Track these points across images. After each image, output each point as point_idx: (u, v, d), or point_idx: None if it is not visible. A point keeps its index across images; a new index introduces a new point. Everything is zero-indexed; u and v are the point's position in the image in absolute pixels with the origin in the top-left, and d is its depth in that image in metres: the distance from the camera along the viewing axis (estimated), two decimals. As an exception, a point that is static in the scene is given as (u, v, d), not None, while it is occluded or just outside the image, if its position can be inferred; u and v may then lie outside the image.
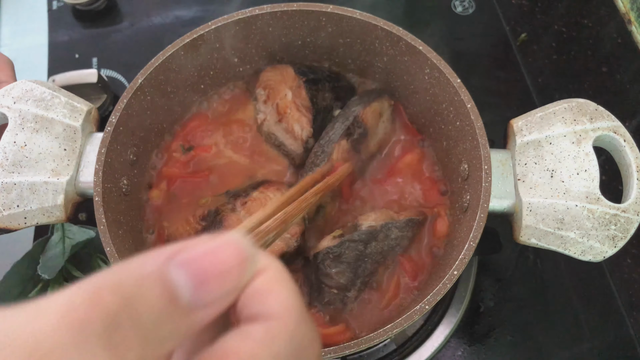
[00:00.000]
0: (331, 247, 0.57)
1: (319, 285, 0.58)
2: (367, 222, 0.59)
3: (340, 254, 0.57)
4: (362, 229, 0.58)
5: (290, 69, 0.65)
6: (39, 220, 0.56)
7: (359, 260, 0.58)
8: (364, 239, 0.57)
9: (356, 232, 0.58)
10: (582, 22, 0.94)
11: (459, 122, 0.59)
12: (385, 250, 0.59)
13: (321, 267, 0.57)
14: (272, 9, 0.62)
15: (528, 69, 0.91)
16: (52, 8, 1.00)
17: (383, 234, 0.58)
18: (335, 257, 0.57)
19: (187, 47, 0.62)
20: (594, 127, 0.55)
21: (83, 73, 0.83)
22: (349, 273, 0.57)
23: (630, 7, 0.87)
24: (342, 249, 0.57)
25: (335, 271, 0.57)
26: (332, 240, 0.58)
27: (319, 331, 0.56)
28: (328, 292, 0.58)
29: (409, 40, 0.60)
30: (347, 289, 0.58)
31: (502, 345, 0.70)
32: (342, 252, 0.57)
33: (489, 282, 0.74)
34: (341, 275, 0.57)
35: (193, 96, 0.68)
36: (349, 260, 0.57)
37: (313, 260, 0.58)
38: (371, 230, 0.58)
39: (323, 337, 0.56)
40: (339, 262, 0.57)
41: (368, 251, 0.58)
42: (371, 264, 0.58)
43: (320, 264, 0.57)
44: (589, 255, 0.53)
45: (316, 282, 0.58)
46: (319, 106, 0.63)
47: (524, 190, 0.54)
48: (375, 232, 0.58)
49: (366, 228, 0.58)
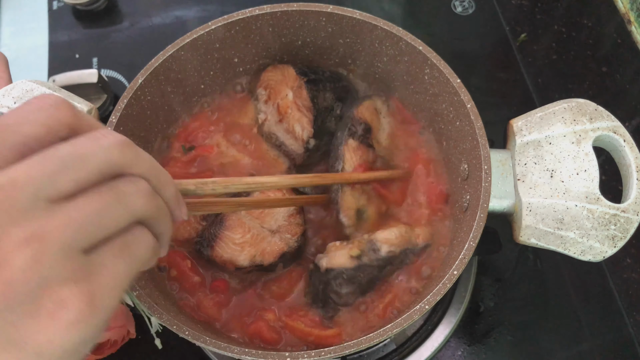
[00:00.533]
0: (347, 268, 0.56)
1: (326, 299, 0.57)
2: (386, 246, 0.57)
3: (354, 276, 0.56)
4: (382, 254, 0.56)
5: (291, 69, 0.65)
6: (39, 220, 0.56)
7: (370, 282, 0.57)
8: (382, 264, 0.57)
9: (375, 256, 0.56)
10: (582, 22, 0.94)
11: (459, 122, 0.59)
12: (394, 271, 0.59)
13: (332, 283, 0.56)
14: (272, 9, 0.62)
15: (528, 69, 0.91)
16: (52, 8, 1.00)
17: (399, 259, 0.58)
18: (348, 278, 0.56)
19: (187, 47, 0.62)
20: (593, 127, 0.55)
21: (83, 73, 0.83)
22: (358, 293, 0.57)
23: (630, 7, 0.87)
24: (358, 272, 0.56)
25: (346, 292, 0.56)
26: (348, 260, 0.56)
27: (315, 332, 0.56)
28: (333, 307, 0.57)
29: (408, 40, 0.60)
30: (352, 305, 0.58)
31: (502, 345, 0.70)
32: (357, 275, 0.56)
33: (488, 282, 0.74)
34: (350, 296, 0.57)
35: (193, 96, 0.68)
36: (361, 282, 0.56)
37: (324, 274, 0.57)
38: (390, 256, 0.57)
39: (316, 337, 0.56)
40: (351, 284, 0.56)
41: (382, 275, 0.58)
42: (379, 283, 0.58)
43: (332, 280, 0.56)
44: (589, 255, 0.53)
45: (323, 294, 0.57)
46: (319, 106, 0.63)
47: (524, 190, 0.54)
48: (394, 257, 0.57)
49: (386, 254, 0.56)
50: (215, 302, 0.58)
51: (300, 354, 0.46)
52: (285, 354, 0.46)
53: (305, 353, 0.46)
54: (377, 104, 0.66)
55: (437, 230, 0.62)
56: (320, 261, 0.58)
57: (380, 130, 0.65)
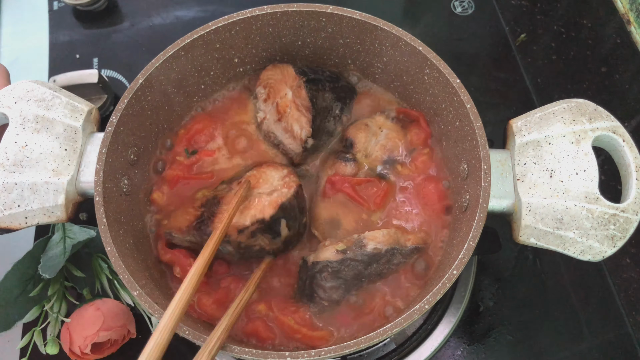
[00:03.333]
0: (332, 261, 0.56)
1: (311, 294, 0.57)
2: (372, 243, 0.57)
3: (339, 270, 0.56)
4: (367, 250, 0.57)
5: (290, 68, 0.65)
6: (40, 220, 0.56)
7: (355, 279, 0.57)
8: (367, 260, 0.57)
9: (360, 251, 0.57)
10: (582, 23, 0.94)
11: (459, 122, 0.59)
12: (383, 272, 0.58)
13: (317, 277, 0.57)
14: (272, 10, 0.62)
15: (527, 69, 0.91)
16: (52, 8, 1.00)
17: (386, 258, 0.58)
18: (333, 272, 0.56)
19: (188, 47, 0.62)
20: (593, 127, 0.56)
21: (84, 73, 0.84)
22: (342, 290, 0.57)
23: (630, 7, 0.87)
24: (343, 266, 0.56)
25: (330, 285, 0.56)
26: (334, 254, 0.57)
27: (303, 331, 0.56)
28: (319, 302, 0.57)
29: (408, 40, 0.60)
30: (337, 303, 0.58)
31: (501, 345, 0.71)
32: (342, 269, 0.56)
33: (488, 281, 0.74)
34: (334, 291, 0.57)
35: (193, 96, 0.69)
36: (346, 278, 0.57)
37: (311, 267, 0.57)
38: (376, 253, 0.57)
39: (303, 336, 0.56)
40: (336, 278, 0.56)
41: (367, 272, 0.57)
42: (366, 283, 0.58)
43: (317, 273, 0.57)
44: (588, 255, 0.53)
45: (309, 289, 0.58)
46: (318, 106, 0.64)
47: (523, 190, 0.55)
48: (379, 255, 0.57)
49: (371, 250, 0.57)
50: (215, 300, 0.58)
51: (300, 354, 0.46)
52: (285, 353, 0.46)
53: (305, 353, 0.46)
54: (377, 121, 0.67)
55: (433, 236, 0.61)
56: (309, 257, 0.59)
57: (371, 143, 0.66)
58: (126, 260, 0.52)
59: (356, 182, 0.63)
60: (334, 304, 0.58)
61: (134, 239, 0.58)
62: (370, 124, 0.67)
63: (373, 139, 0.66)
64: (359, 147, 0.65)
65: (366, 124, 0.67)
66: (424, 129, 0.66)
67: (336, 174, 0.63)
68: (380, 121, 0.67)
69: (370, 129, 0.66)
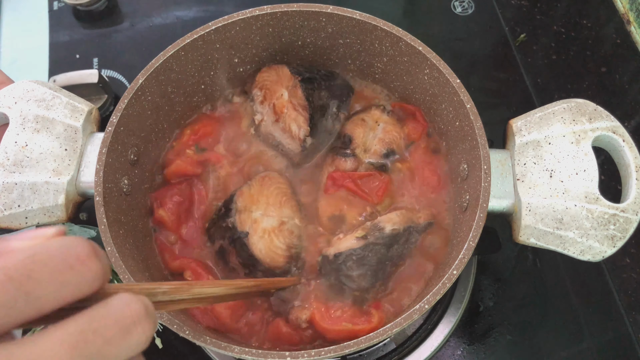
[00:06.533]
0: (355, 249, 0.56)
1: (340, 286, 0.57)
2: (390, 225, 0.57)
3: (363, 256, 0.56)
4: (386, 232, 0.57)
5: (285, 69, 0.65)
6: (40, 220, 0.56)
7: (380, 263, 0.57)
8: (388, 242, 0.57)
9: (380, 234, 0.57)
10: (582, 23, 0.94)
11: (459, 122, 0.59)
12: (404, 253, 0.59)
13: (343, 268, 0.56)
14: (272, 10, 0.62)
15: (527, 69, 0.91)
16: (53, 8, 1.00)
17: (404, 237, 0.58)
18: (358, 259, 0.56)
19: (188, 47, 0.62)
20: (593, 127, 0.56)
21: (84, 73, 0.84)
22: (370, 277, 0.57)
23: (630, 7, 0.88)
24: (366, 251, 0.56)
25: (357, 274, 0.56)
26: (355, 242, 0.57)
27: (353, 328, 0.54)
28: (350, 294, 0.57)
29: (408, 40, 0.60)
30: (367, 291, 0.58)
31: (501, 345, 0.71)
32: (366, 255, 0.56)
33: (488, 281, 0.74)
34: (363, 278, 0.57)
35: (193, 96, 0.69)
36: (370, 263, 0.56)
37: (333, 260, 0.57)
38: (395, 234, 0.57)
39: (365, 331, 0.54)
40: (362, 265, 0.56)
41: (390, 254, 0.57)
42: (390, 266, 0.58)
43: (342, 264, 0.56)
44: (588, 255, 0.53)
45: (337, 282, 0.57)
46: (315, 105, 0.64)
47: (523, 190, 0.55)
48: (398, 235, 0.57)
49: (390, 231, 0.57)
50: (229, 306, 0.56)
51: (300, 354, 0.46)
52: (285, 353, 0.46)
53: (306, 352, 0.46)
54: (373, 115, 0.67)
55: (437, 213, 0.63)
56: (327, 251, 0.58)
57: (369, 137, 0.66)
58: (126, 260, 0.52)
59: (357, 176, 0.63)
60: (365, 293, 0.58)
61: (134, 239, 0.58)
62: (366, 119, 0.67)
63: (371, 133, 0.66)
64: (358, 142, 0.65)
65: (363, 119, 0.67)
66: (421, 122, 0.67)
67: (337, 170, 0.64)
68: (376, 115, 0.67)
69: (367, 124, 0.67)
